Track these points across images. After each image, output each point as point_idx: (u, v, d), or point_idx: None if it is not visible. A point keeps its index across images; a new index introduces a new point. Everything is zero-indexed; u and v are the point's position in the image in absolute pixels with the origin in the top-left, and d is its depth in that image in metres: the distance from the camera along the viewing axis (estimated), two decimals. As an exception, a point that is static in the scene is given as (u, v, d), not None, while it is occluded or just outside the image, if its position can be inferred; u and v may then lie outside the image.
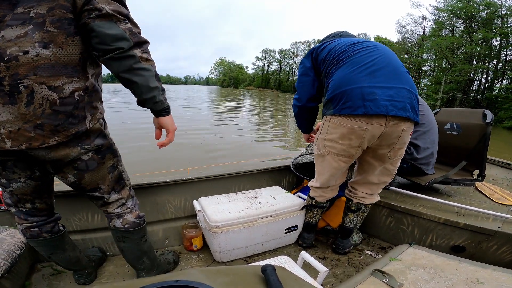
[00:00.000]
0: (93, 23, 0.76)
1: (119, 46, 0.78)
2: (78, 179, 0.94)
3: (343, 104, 1.12)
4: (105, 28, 0.76)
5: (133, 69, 0.81)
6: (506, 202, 1.58)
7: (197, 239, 1.54)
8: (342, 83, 1.13)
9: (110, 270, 1.37)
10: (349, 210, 1.47)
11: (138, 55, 0.81)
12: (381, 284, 0.85)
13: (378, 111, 1.06)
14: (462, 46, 23.82)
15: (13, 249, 1.12)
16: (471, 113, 1.80)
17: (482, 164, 1.68)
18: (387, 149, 1.20)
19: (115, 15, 0.78)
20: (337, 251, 1.55)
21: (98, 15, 0.76)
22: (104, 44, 0.77)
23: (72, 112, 0.80)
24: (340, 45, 1.24)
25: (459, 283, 0.84)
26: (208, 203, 1.50)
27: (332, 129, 1.20)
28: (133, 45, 0.80)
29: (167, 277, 0.49)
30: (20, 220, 1.01)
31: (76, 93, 0.80)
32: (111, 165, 1.00)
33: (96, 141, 0.91)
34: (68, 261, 1.14)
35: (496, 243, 1.28)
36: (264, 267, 0.58)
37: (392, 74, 1.12)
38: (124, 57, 0.79)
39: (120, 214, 1.07)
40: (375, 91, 1.07)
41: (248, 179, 1.87)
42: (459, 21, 25.58)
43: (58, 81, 0.76)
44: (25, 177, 0.90)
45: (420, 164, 1.68)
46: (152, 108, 0.92)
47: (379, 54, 1.16)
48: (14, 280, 1.11)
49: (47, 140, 0.78)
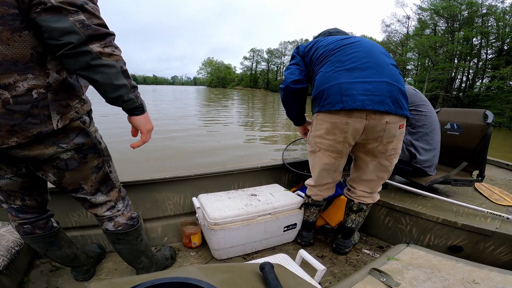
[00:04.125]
0: (39, 18, 0.69)
1: (68, 40, 0.69)
2: (58, 178, 0.91)
3: (324, 101, 1.15)
4: (52, 22, 0.69)
5: (90, 66, 0.73)
6: (504, 203, 1.58)
7: (196, 236, 1.55)
8: (323, 81, 1.17)
9: (109, 266, 1.37)
10: (351, 211, 1.46)
11: (96, 50, 0.73)
12: (378, 283, 0.86)
13: (354, 105, 1.07)
14: (444, 45, 24.26)
15: (12, 245, 1.12)
16: (472, 113, 1.80)
17: (482, 164, 1.68)
18: (375, 143, 1.19)
19: (64, 6, 0.70)
20: (338, 251, 1.54)
21: (44, 8, 0.69)
22: (53, 39, 0.70)
23: (30, 111, 0.74)
24: (325, 43, 1.27)
25: (455, 283, 0.85)
26: (207, 200, 1.51)
27: (319, 126, 1.23)
28: (86, 39, 0.71)
29: (165, 274, 0.50)
30: (12, 217, 1.00)
31: (34, 91, 0.74)
32: (95, 165, 0.95)
33: (76, 139, 0.86)
34: (64, 258, 1.13)
35: (493, 244, 1.29)
36: (262, 264, 0.58)
37: (372, 68, 1.12)
38: (77, 54, 0.71)
39: (111, 217, 1.05)
40: (352, 87, 1.09)
41: (248, 177, 1.88)
42: (442, 20, 26.05)
43: (8, 78, 0.70)
44: (11, 174, 0.89)
45: (424, 167, 1.69)
46: (122, 107, 0.86)
47: (359, 49, 1.17)
48: (12, 276, 1.11)
49: (6, 141, 0.74)
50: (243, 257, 1.50)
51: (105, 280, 0.55)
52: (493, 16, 21.99)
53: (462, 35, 23.10)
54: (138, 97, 0.87)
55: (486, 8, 22.30)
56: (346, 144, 1.20)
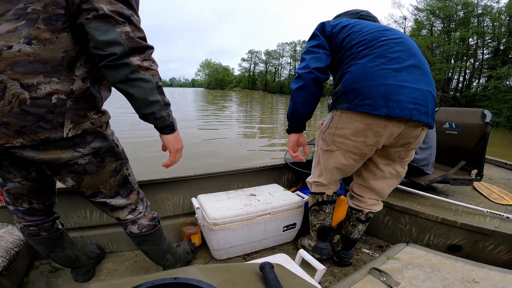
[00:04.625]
0: (89, 25, 0.70)
1: (112, 51, 0.71)
2: (76, 183, 0.89)
3: (361, 100, 0.99)
4: (100, 30, 0.70)
5: (128, 80, 0.74)
6: (503, 202, 1.59)
7: (196, 236, 1.55)
8: (362, 76, 1.00)
9: (108, 267, 1.37)
10: (359, 221, 1.31)
11: (135, 63, 0.73)
12: (378, 283, 0.86)
13: (402, 114, 0.96)
14: (441, 45, 24.48)
15: (11, 246, 1.12)
16: (470, 112, 1.81)
17: (480, 163, 1.69)
18: (400, 148, 1.11)
19: (114, 16, 0.71)
20: (343, 263, 1.42)
21: (95, 15, 0.70)
22: (98, 49, 0.71)
23: (44, 115, 0.72)
24: (361, 29, 1.09)
25: (455, 282, 0.85)
26: (206, 201, 1.51)
27: (344, 124, 1.08)
28: (129, 51, 0.72)
29: (165, 275, 0.50)
30: (18, 219, 1.00)
31: (54, 96, 0.72)
32: (113, 169, 0.94)
33: (93, 143, 0.84)
34: (66, 259, 1.14)
35: (492, 243, 1.29)
36: (262, 264, 0.58)
37: (420, 74, 1.01)
38: (118, 66, 0.72)
39: (134, 220, 1.05)
40: (400, 92, 0.96)
41: (247, 177, 1.88)
42: (438, 20, 26.29)
43: (33, 79, 0.70)
44: (21, 178, 0.88)
45: (420, 166, 1.69)
46: (154, 124, 0.85)
47: (403, 48, 1.03)
48: (12, 277, 1.11)
49: (11, 140, 0.72)
50: (243, 257, 1.50)
51: (105, 280, 0.55)
52: (489, 16, 22.18)
53: (458, 35, 23.34)
54: (170, 115, 0.86)
55: (482, 8, 22.53)
56: (374, 148, 1.08)
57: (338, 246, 1.47)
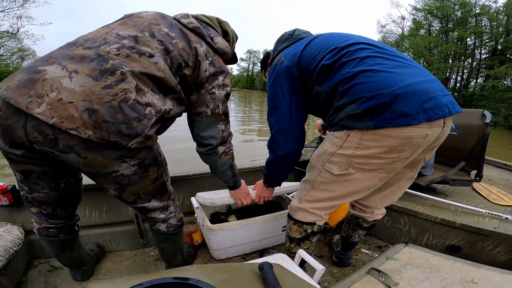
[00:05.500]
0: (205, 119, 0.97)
1: (210, 142, 0.99)
2: (119, 193, 0.91)
3: (393, 112, 0.78)
4: (208, 126, 0.98)
5: (215, 162, 1.09)
6: (502, 203, 1.59)
7: (197, 234, 1.55)
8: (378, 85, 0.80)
9: (108, 266, 1.37)
10: (360, 227, 1.25)
11: (220, 151, 1.04)
12: (377, 283, 0.86)
13: (442, 113, 0.79)
14: (439, 45, 24.61)
15: (10, 245, 1.11)
16: (470, 113, 1.81)
17: (480, 164, 1.69)
18: (430, 151, 0.96)
19: (221, 116, 0.98)
20: (342, 264, 1.42)
21: (213, 113, 0.96)
22: (198, 138, 1.01)
23: (131, 121, 0.74)
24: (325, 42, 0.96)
25: (454, 283, 0.85)
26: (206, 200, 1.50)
27: (370, 143, 0.85)
28: (219, 144, 1.01)
29: (164, 274, 0.50)
30: (39, 220, 0.99)
31: (149, 108, 0.78)
32: (155, 177, 0.95)
33: (140, 154, 0.84)
34: (72, 260, 1.15)
35: (491, 243, 1.29)
36: (261, 264, 0.58)
37: (412, 66, 0.87)
38: (211, 154, 1.05)
39: (165, 219, 1.08)
40: (427, 87, 0.80)
41: (247, 177, 1.87)
42: (436, 20, 26.44)
43: (147, 87, 0.79)
44: (48, 189, 0.89)
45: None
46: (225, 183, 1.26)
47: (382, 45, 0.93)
48: (10, 276, 1.11)
49: (81, 129, 0.69)
50: (242, 257, 1.50)
51: (104, 279, 0.55)
52: (487, 16, 22.27)
53: (456, 35, 23.44)
54: (235, 181, 1.25)
55: (480, 8, 22.62)
56: (406, 161, 0.90)
57: (338, 246, 1.47)
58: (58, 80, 0.69)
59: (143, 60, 0.79)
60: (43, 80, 0.68)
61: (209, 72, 0.93)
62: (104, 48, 0.76)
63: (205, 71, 0.92)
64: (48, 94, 0.67)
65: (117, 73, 0.74)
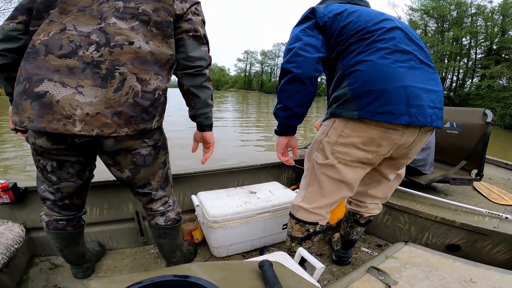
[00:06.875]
0: (188, 41, 0.89)
1: (199, 64, 0.91)
2: (132, 174, 0.96)
3: (379, 107, 0.82)
4: (194, 47, 0.90)
5: (201, 86, 0.95)
6: (503, 202, 1.59)
7: (197, 232, 1.55)
8: (377, 77, 0.83)
9: (108, 264, 1.38)
10: (357, 224, 1.28)
11: (207, 74, 0.95)
12: (376, 282, 0.86)
13: (424, 121, 0.84)
14: (434, 45, 24.56)
15: (11, 243, 1.12)
16: (471, 112, 1.81)
17: (480, 163, 1.69)
18: (410, 156, 1.01)
19: (203, 39, 0.93)
20: (342, 263, 1.42)
21: (195, 35, 0.90)
22: (188, 61, 0.90)
23: (147, 108, 0.83)
24: (362, 19, 0.91)
25: (453, 282, 0.85)
26: (206, 198, 1.51)
27: (352, 132, 0.90)
28: (207, 65, 0.94)
29: (165, 272, 0.50)
30: (50, 212, 1.02)
31: (157, 91, 0.84)
32: (163, 161, 1.02)
33: (155, 135, 0.93)
34: (76, 255, 1.16)
35: (491, 243, 1.29)
36: (261, 262, 0.59)
37: (431, 72, 0.89)
38: (200, 75, 0.93)
39: (164, 212, 1.10)
40: (421, 95, 0.84)
41: (247, 174, 1.88)
42: (432, 20, 26.43)
43: (146, 75, 0.81)
44: (77, 177, 0.95)
45: (417, 166, 1.69)
46: (201, 123, 1.02)
47: (414, 41, 0.91)
48: (12, 274, 1.12)
49: (119, 130, 0.79)
50: (242, 255, 1.50)
51: (104, 277, 0.56)
52: (482, 16, 22.22)
53: (452, 35, 23.44)
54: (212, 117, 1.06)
55: (475, 8, 22.61)
56: (383, 157, 0.96)
57: (337, 245, 1.47)
58: (72, 98, 0.74)
59: (126, 50, 0.78)
60: (56, 102, 0.73)
61: (185, 8, 0.89)
62: (84, 53, 0.75)
63: (181, 9, 0.89)
64: (74, 113, 0.74)
65: (116, 75, 0.77)
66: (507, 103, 15.81)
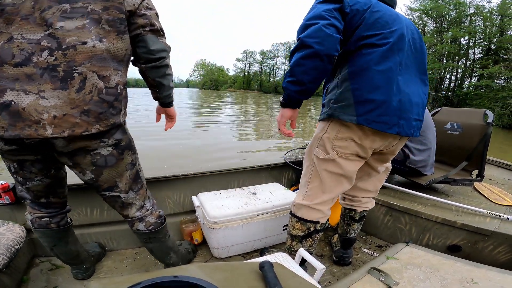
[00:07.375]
0: (146, 36, 0.91)
1: (162, 56, 0.95)
2: (95, 176, 0.94)
3: (378, 117, 0.91)
4: (154, 41, 0.93)
5: (165, 75, 1.00)
6: (504, 203, 1.58)
7: (197, 233, 1.55)
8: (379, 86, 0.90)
9: (109, 265, 1.38)
10: (353, 220, 1.32)
11: (169, 63, 1.00)
12: (377, 282, 0.86)
13: (408, 133, 0.98)
14: (433, 45, 24.56)
15: (11, 244, 1.12)
16: (472, 113, 1.80)
17: (481, 164, 1.69)
18: (393, 154, 1.14)
19: (160, 31, 0.95)
20: (343, 263, 1.43)
21: (152, 29, 0.92)
22: (150, 54, 0.93)
23: (113, 103, 0.85)
24: (383, 21, 0.91)
25: (454, 283, 0.85)
26: (207, 199, 1.51)
27: (347, 130, 1.00)
28: (168, 55, 0.98)
29: (165, 273, 0.50)
30: (32, 210, 1.04)
31: (118, 86, 0.87)
32: (130, 162, 1.00)
33: (115, 135, 0.92)
34: (68, 255, 1.15)
35: (492, 243, 1.29)
36: (261, 263, 0.58)
37: (423, 86, 1.01)
38: (163, 66, 0.97)
39: (142, 217, 1.09)
40: (410, 109, 0.95)
41: (248, 175, 1.88)
42: (430, 20, 26.42)
43: (107, 71, 0.83)
44: (42, 176, 0.94)
45: (418, 167, 1.69)
46: (165, 101, 1.11)
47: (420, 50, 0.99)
48: (12, 275, 1.12)
49: (90, 128, 0.81)
50: (243, 256, 1.50)
51: (105, 278, 0.56)
52: (480, 16, 22.22)
53: (450, 35, 23.45)
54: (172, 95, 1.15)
55: (474, 8, 22.62)
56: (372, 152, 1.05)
57: (337, 245, 1.47)
58: (36, 103, 0.75)
59: (81, 50, 0.78)
60: (22, 109, 0.74)
61: (136, 3, 0.88)
62: (38, 59, 0.75)
63: (132, 5, 0.88)
64: (42, 118, 0.75)
65: (75, 75, 0.78)
66: (506, 103, 15.86)
